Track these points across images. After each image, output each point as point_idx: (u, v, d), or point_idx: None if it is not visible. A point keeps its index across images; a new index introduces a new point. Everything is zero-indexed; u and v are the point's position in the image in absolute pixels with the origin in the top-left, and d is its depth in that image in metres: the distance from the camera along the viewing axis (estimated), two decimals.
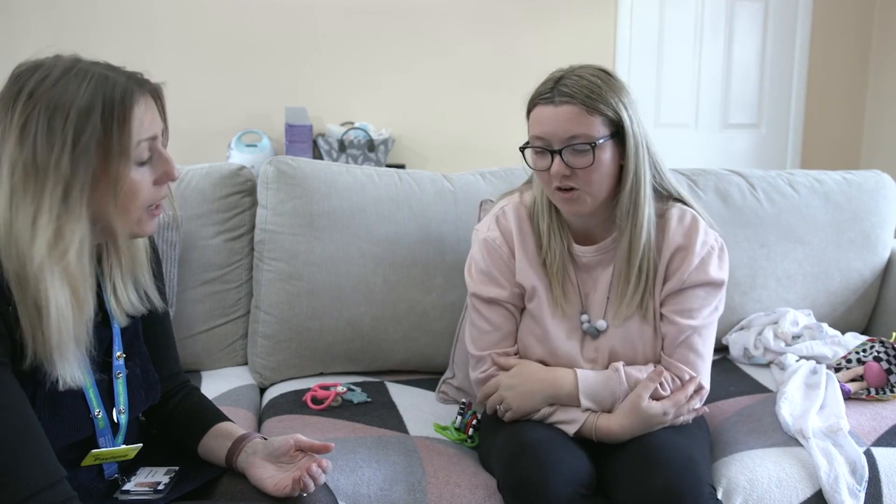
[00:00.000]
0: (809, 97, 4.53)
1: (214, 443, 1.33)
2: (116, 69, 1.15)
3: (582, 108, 1.45)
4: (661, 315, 1.57)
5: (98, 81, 1.10)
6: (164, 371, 1.39)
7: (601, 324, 1.58)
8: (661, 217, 1.57)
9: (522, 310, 1.63)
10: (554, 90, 1.47)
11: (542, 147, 1.49)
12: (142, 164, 1.15)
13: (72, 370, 1.11)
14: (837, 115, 4.57)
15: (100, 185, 1.10)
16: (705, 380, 1.56)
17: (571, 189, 1.49)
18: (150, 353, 1.36)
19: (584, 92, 1.45)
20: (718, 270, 1.56)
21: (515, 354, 1.63)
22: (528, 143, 1.52)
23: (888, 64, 4.42)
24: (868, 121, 4.58)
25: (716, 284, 1.56)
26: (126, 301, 1.25)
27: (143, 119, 1.13)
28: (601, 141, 1.45)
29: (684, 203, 1.60)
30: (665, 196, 1.60)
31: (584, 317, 1.59)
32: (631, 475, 1.41)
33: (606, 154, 1.47)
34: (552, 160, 1.47)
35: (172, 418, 1.40)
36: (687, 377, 1.54)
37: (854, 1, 4.47)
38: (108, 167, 1.10)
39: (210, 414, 1.39)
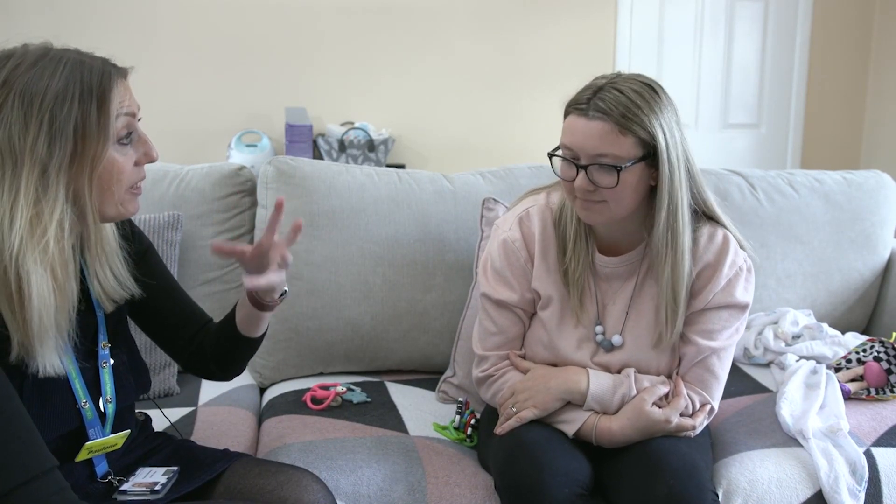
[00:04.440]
0: (809, 97, 4.53)
1: (241, 315, 1.37)
2: (88, 54, 1.16)
3: (614, 126, 1.38)
4: (681, 333, 1.54)
5: (73, 66, 1.11)
6: (196, 323, 1.44)
7: (617, 339, 1.55)
8: (693, 234, 1.52)
9: (532, 315, 1.62)
10: (590, 102, 1.40)
11: (569, 158, 1.45)
12: (122, 144, 1.16)
13: (52, 358, 1.11)
14: (837, 115, 4.57)
15: (78, 167, 1.11)
16: (716, 401, 1.55)
17: (593, 199, 1.44)
18: (175, 319, 1.40)
19: (620, 109, 1.38)
20: (744, 293, 1.53)
21: (521, 357, 1.62)
22: (557, 148, 1.47)
23: (888, 64, 4.42)
24: (868, 121, 4.58)
25: (740, 307, 1.53)
26: (109, 287, 1.26)
27: (123, 99, 1.15)
28: (629, 164, 1.40)
29: (717, 222, 1.55)
30: (698, 215, 1.54)
31: (599, 328, 1.56)
32: (633, 481, 1.40)
33: (633, 176, 1.42)
34: (577, 173, 1.43)
35: (212, 346, 1.42)
36: (697, 397, 1.53)
37: (854, 1, 4.47)
38: (85, 148, 1.11)
39: (228, 315, 1.42)
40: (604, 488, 1.47)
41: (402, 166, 3.97)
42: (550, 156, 1.49)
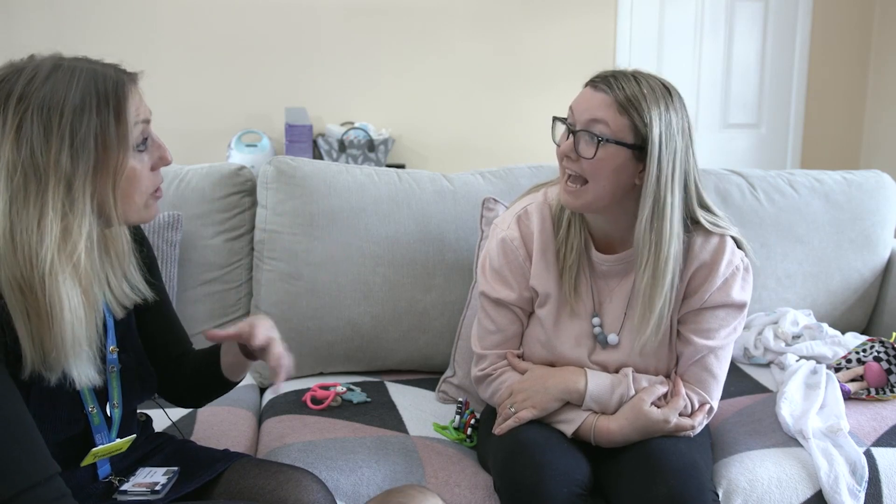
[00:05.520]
0: (809, 97, 4.53)
1: (229, 359, 1.39)
2: (99, 62, 1.16)
3: (614, 102, 1.41)
4: (678, 332, 1.54)
5: (88, 76, 1.11)
6: (180, 348, 1.44)
7: (613, 338, 1.55)
8: (687, 239, 1.51)
9: (531, 314, 1.62)
10: (606, 78, 1.44)
11: (567, 121, 1.47)
12: (139, 150, 1.16)
13: (87, 370, 1.12)
14: (837, 115, 4.57)
15: (101, 177, 1.11)
16: (715, 400, 1.55)
17: (576, 181, 1.45)
18: (161, 338, 1.39)
19: (627, 92, 1.41)
20: (741, 292, 1.52)
21: (519, 357, 1.62)
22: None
23: (888, 64, 4.42)
24: (868, 121, 4.58)
25: (737, 306, 1.52)
26: (121, 293, 1.25)
27: (138, 107, 1.16)
28: (612, 141, 1.41)
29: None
30: (697, 224, 1.51)
31: (596, 320, 1.56)
32: (633, 481, 1.40)
33: (612, 158, 1.41)
34: (568, 138, 1.45)
35: (189, 376, 1.43)
36: (696, 396, 1.52)
37: (854, 1, 4.47)
38: (107, 158, 1.11)
39: (210, 351, 1.44)
40: (603, 488, 1.47)
41: (402, 166, 3.97)
42: (555, 119, 1.51)
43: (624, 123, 1.41)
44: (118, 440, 1.26)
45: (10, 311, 1.06)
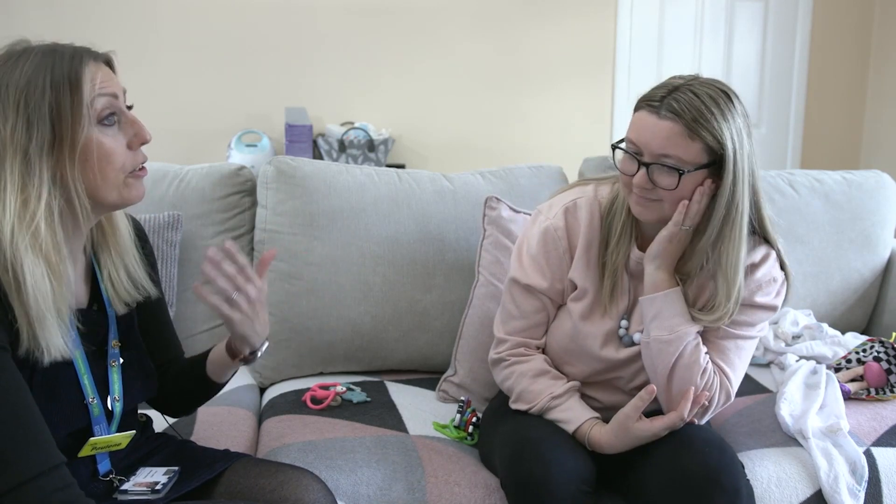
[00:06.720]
0: (809, 97, 4.53)
1: (215, 357, 1.40)
2: (65, 44, 1.17)
3: (684, 129, 1.36)
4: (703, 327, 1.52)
5: (44, 54, 1.13)
6: (168, 354, 1.44)
7: (637, 337, 1.54)
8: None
9: (560, 306, 1.60)
10: (664, 101, 1.37)
11: (633, 153, 1.42)
12: (106, 125, 1.16)
13: (55, 340, 1.12)
14: (837, 115, 4.57)
15: (59, 151, 1.12)
16: (734, 388, 1.53)
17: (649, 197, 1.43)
18: (152, 340, 1.39)
19: (693, 113, 1.35)
20: (768, 297, 1.51)
21: (538, 349, 1.61)
22: (621, 141, 1.45)
23: (888, 64, 4.43)
24: (868, 121, 4.58)
25: (765, 308, 1.51)
26: (122, 289, 1.27)
27: (95, 78, 1.15)
28: (692, 170, 1.37)
29: (770, 244, 1.53)
30: (755, 236, 1.51)
31: (624, 322, 1.55)
32: (663, 457, 1.41)
33: (694, 182, 1.39)
34: (638, 169, 1.41)
35: (173, 380, 1.44)
36: (693, 387, 1.48)
37: (854, 1, 4.47)
38: (63, 131, 1.12)
39: (200, 354, 1.45)
40: (618, 477, 1.48)
41: (402, 166, 3.97)
42: (614, 147, 1.47)
43: (697, 148, 1.37)
44: (117, 434, 1.26)
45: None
